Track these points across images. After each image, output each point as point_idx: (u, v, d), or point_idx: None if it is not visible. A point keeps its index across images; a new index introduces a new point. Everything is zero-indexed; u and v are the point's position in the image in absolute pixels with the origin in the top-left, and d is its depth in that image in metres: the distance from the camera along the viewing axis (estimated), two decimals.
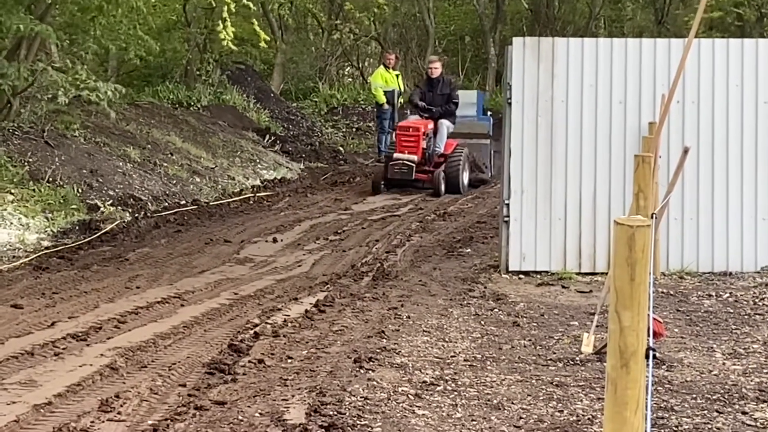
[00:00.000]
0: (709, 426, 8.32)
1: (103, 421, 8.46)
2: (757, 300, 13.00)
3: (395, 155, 23.95)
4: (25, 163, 20.67)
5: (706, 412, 8.68)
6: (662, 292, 13.21)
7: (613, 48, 14.92)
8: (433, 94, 24.94)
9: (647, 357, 3.94)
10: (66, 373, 9.93)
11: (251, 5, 22.64)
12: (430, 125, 24.48)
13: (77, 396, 9.25)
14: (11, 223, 17.88)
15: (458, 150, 24.64)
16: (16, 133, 21.82)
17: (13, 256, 16.00)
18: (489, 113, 28.65)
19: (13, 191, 19.19)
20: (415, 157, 23.70)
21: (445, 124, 24.71)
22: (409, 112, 26.18)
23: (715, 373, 9.84)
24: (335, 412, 8.47)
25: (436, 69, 25.36)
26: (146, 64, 32.10)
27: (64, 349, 10.77)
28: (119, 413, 8.68)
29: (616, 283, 3.83)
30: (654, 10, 37.01)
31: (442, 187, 23.80)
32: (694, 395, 9.12)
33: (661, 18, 36.02)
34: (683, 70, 11.39)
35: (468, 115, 26.76)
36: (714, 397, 9.07)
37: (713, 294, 13.33)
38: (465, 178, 24.66)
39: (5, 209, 18.27)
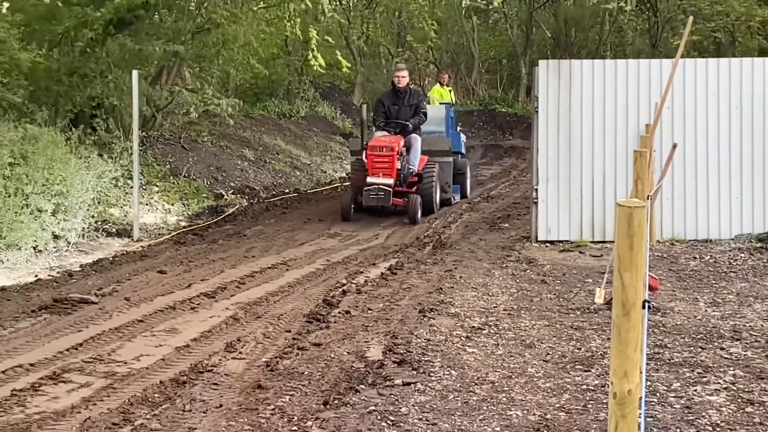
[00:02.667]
0: (695, 359, 8.28)
1: (228, 359, 8.52)
2: (731, 261, 12.90)
3: (369, 179, 17.06)
4: (167, 163, 20.82)
5: (692, 348, 8.64)
6: (657, 256, 13.12)
7: (617, 67, 14.88)
8: (399, 107, 18.13)
9: (644, 307, 3.94)
10: (199, 323, 10.00)
11: (330, 40, 22.62)
12: (402, 142, 17.68)
13: (208, 340, 9.32)
14: (157, 209, 18.02)
15: (430, 167, 18.11)
16: (160, 140, 21.98)
17: (159, 234, 16.13)
18: (459, 128, 22.24)
19: (158, 184, 19.34)
20: (390, 181, 17.01)
21: (419, 140, 18.03)
22: (374, 129, 18.35)
23: (699, 318, 9.78)
24: (405, 351, 8.49)
25: (404, 78, 18.42)
26: (257, 85, 32.23)
27: (198, 304, 10.86)
28: (240, 353, 8.74)
29: (619, 251, 3.83)
30: (649, 36, 36.67)
31: (419, 214, 17.29)
32: (683, 335, 9.07)
33: (655, 42, 35.68)
34: (672, 84, 11.29)
35: (435, 131, 19.70)
36: (698, 337, 9.02)
37: (697, 256, 13.23)
38: (437, 196, 18.32)
39: (152, 198, 18.42)
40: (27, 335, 9.38)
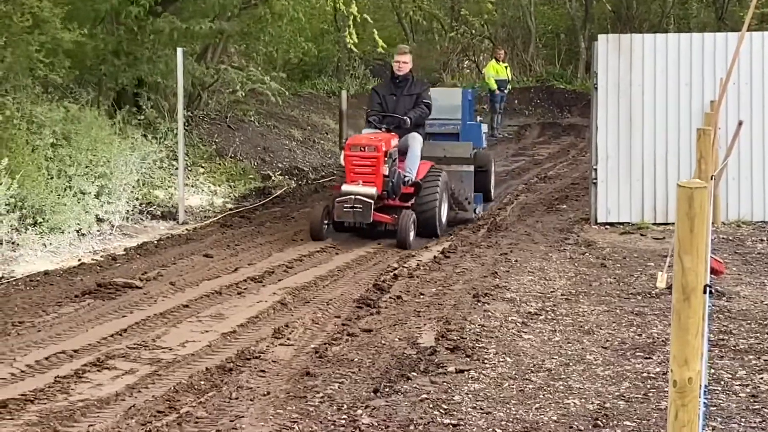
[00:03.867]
0: (761, 345, 8.23)
1: (276, 345, 8.57)
2: None
3: (344, 187, 13.48)
4: (213, 143, 20.95)
5: (758, 334, 8.59)
6: (723, 238, 13.04)
7: (680, 41, 14.81)
8: (397, 98, 14.53)
9: (705, 292, 3.93)
10: (246, 308, 10.07)
11: (369, 18, 22.47)
12: (394, 141, 14.01)
13: (255, 326, 9.38)
14: (203, 190, 18.12)
15: (433, 175, 14.20)
16: (205, 119, 22.12)
17: (205, 216, 16.23)
18: (480, 119, 18.64)
19: (203, 165, 19.44)
20: (373, 190, 13.28)
21: (418, 140, 14.32)
22: (367, 126, 14.99)
23: (766, 303, 9.71)
24: (458, 337, 8.51)
25: (405, 64, 14.70)
26: (305, 62, 32.28)
27: (245, 289, 10.93)
28: (288, 339, 8.79)
29: (679, 233, 3.82)
30: (715, 9, 36.38)
31: (411, 236, 13.42)
32: (749, 321, 9.02)
33: (721, 15, 35.41)
34: (738, 58, 11.19)
35: (448, 120, 16.06)
36: (765, 322, 8.96)
37: (765, 239, 13.13)
38: (444, 213, 14.39)
39: (198, 179, 18.53)
40: (70, 321, 9.48)
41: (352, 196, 13.16)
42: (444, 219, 14.41)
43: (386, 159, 13.53)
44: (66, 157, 14.70)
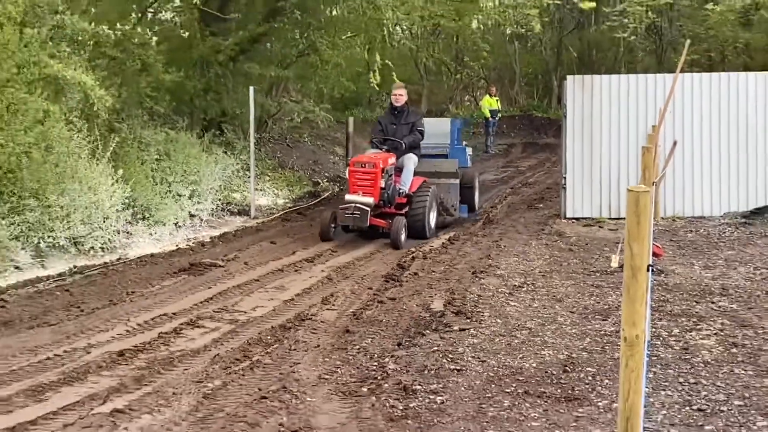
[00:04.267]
0: (690, 311, 8.18)
1: (324, 310, 8.59)
2: (720, 233, 12.68)
3: (347, 197, 12.94)
4: (276, 158, 20.97)
5: (688, 302, 8.53)
6: (661, 229, 12.96)
7: (629, 81, 14.69)
8: (396, 126, 13.97)
9: (648, 270, 3.92)
10: (302, 282, 10.09)
11: (390, 63, 22.44)
12: (391, 160, 13.40)
13: (308, 295, 9.40)
14: (268, 193, 18.14)
15: (424, 189, 13.57)
16: (270, 140, 22.14)
17: (270, 213, 16.23)
18: (465, 144, 16.67)
19: (269, 174, 19.46)
20: (371, 200, 12.72)
21: (412, 159, 13.68)
22: (372, 147, 14.19)
23: (694, 279, 9.64)
24: (461, 304, 8.49)
25: (401, 97, 14.07)
26: (346, 97, 32.22)
27: (300, 267, 10.94)
28: (333, 305, 8.81)
29: (628, 226, 3.81)
30: (656, 56, 36.19)
31: (402, 238, 12.57)
32: (681, 292, 8.96)
33: (660, 60, 35.21)
34: (673, 93, 11.12)
35: (438, 144, 15.34)
36: (693, 293, 8.90)
37: (693, 230, 13.03)
38: (432, 219, 13.59)
39: (265, 185, 18.54)
40: (170, 291, 9.54)
41: (353, 205, 12.56)
42: (433, 224, 13.54)
43: (383, 174, 12.88)
44: (167, 168, 14.76)
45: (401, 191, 13.32)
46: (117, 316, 8.30)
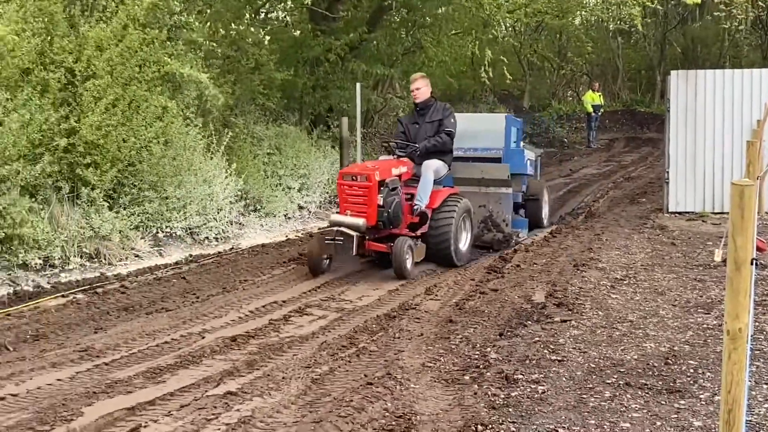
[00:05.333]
0: None
1: (427, 300, 8.61)
2: None
3: (332, 217, 9.89)
4: (382, 151, 21.06)
5: None
6: (765, 224, 12.59)
7: (734, 75, 14.34)
8: (419, 126, 10.81)
9: (752, 264, 3.82)
10: None
11: (505, 59, 22.34)
12: (398, 170, 10.27)
13: (412, 285, 9.43)
14: None
15: (450, 203, 10.47)
16: (376, 134, 22.26)
17: None
18: (522, 144, 13.30)
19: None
20: (360, 221, 9.55)
21: (432, 167, 10.43)
22: (385, 153, 11.21)
23: None
24: (562, 296, 8.42)
25: (419, 90, 10.84)
26: (449, 93, 32.20)
27: None
28: (436, 295, 8.82)
29: (732, 220, 3.72)
30: (761, 50, 35.12)
31: (408, 264, 9.66)
32: None
33: (765, 55, 34.18)
34: None
35: (488, 147, 12.37)
36: None
37: None
38: (464, 240, 10.65)
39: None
40: (280, 279, 9.68)
41: (335, 228, 9.60)
42: (464, 247, 10.66)
43: (381, 189, 9.80)
44: (277, 162, 14.99)
45: (416, 208, 10.26)
46: (230, 303, 8.47)
